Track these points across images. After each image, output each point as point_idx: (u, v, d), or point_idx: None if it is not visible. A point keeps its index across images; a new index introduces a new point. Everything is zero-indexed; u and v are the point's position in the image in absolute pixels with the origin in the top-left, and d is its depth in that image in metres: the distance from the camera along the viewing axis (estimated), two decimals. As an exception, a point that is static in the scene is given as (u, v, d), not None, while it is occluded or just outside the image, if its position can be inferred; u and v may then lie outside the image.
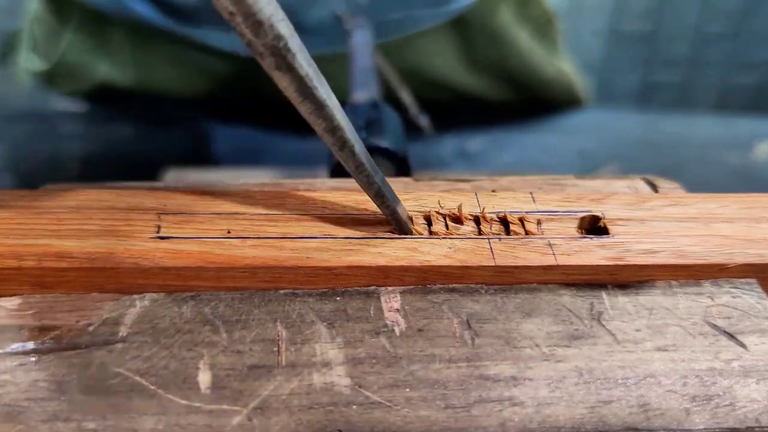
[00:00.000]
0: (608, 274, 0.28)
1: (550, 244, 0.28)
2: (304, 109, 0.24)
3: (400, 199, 0.29)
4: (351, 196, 0.31)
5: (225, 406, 0.23)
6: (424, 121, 0.75)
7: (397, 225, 0.29)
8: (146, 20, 0.76)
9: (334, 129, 0.25)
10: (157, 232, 0.28)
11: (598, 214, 0.30)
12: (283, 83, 0.23)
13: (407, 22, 0.78)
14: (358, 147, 0.26)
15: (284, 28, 0.22)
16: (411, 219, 0.29)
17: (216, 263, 0.26)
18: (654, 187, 0.35)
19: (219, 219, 0.29)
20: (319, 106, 0.24)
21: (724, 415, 0.23)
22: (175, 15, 0.75)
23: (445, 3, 0.78)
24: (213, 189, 0.33)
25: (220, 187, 0.33)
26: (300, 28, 0.79)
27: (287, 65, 0.23)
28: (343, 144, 0.26)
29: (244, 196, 0.30)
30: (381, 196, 0.28)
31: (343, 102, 0.26)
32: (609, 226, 0.30)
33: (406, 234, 0.29)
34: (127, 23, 0.77)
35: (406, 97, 0.74)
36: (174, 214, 0.29)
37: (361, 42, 0.64)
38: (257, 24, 0.21)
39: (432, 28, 0.80)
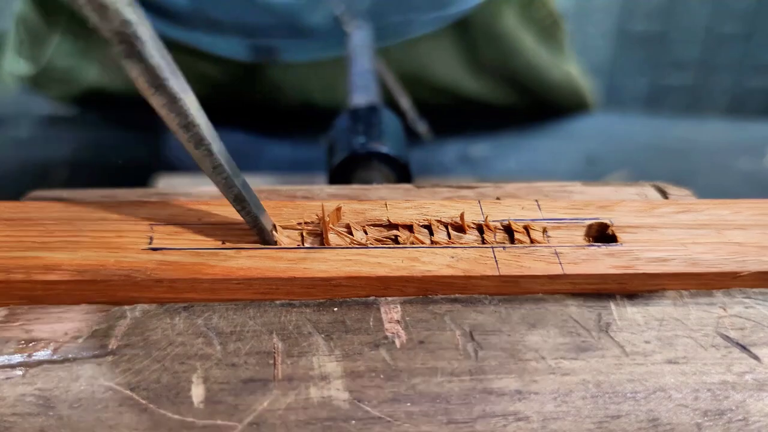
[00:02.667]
0: (617, 284, 0.28)
1: (556, 253, 0.28)
2: (155, 102, 0.24)
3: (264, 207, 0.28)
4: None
5: (219, 422, 0.23)
6: (422, 126, 0.76)
7: (259, 234, 0.28)
8: None
9: (188, 125, 0.25)
10: (150, 244, 0.28)
11: (606, 221, 0.30)
12: (134, 73, 0.23)
13: (408, 25, 0.79)
14: (216, 146, 0.26)
15: (131, 13, 0.22)
16: (275, 228, 0.29)
17: (210, 275, 0.27)
18: (664, 194, 0.35)
19: (213, 229, 0.29)
20: (172, 100, 0.24)
21: (736, 431, 0.23)
22: (166, 19, 0.76)
23: (446, 6, 0.78)
24: (206, 198, 0.33)
25: (215, 197, 0.33)
26: (300, 31, 0.80)
27: (137, 54, 0.22)
28: (199, 142, 0.25)
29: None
30: (241, 201, 0.27)
31: (342, 106, 0.26)
32: (617, 234, 0.30)
33: (269, 244, 0.28)
34: None
35: (405, 102, 0.75)
36: (167, 225, 0.29)
37: (361, 44, 0.64)
38: (101, 7, 0.21)
39: (434, 31, 0.80)
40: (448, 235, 0.29)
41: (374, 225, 0.30)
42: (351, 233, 0.29)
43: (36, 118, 0.86)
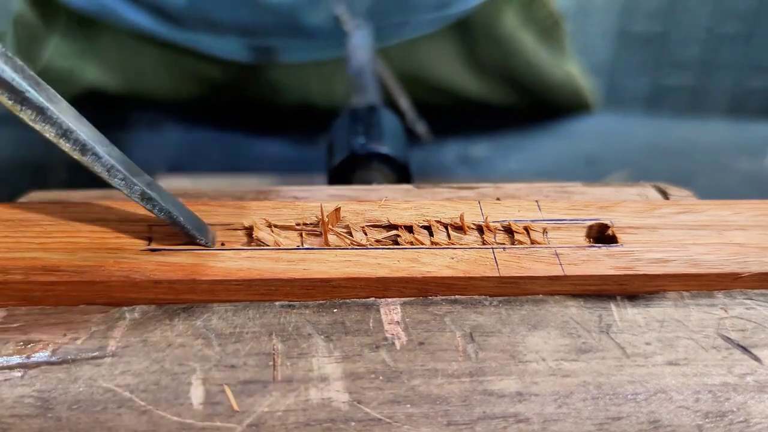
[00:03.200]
0: (617, 285, 0.28)
1: (556, 254, 0.28)
2: (25, 117, 0.24)
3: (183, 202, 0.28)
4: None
5: (218, 423, 0.23)
6: (421, 127, 0.76)
7: (182, 232, 0.28)
8: (135, 26, 0.77)
9: (65, 133, 0.24)
10: (148, 245, 0.28)
11: (607, 222, 0.30)
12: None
13: (408, 25, 0.79)
14: (103, 149, 0.25)
15: None
16: (206, 225, 0.28)
17: (209, 276, 0.27)
18: (665, 195, 0.35)
19: (212, 230, 0.29)
20: (40, 111, 0.24)
21: (738, 432, 0.23)
22: (165, 20, 0.76)
23: (446, 6, 0.78)
24: (205, 198, 0.33)
25: (214, 197, 0.33)
26: (299, 31, 0.80)
27: None
28: (83, 148, 0.25)
29: (239, 207, 0.30)
30: (149, 199, 0.27)
31: (342, 106, 0.26)
32: (618, 235, 0.30)
33: (198, 245, 0.28)
34: (116, 27, 0.78)
35: (404, 102, 0.75)
36: (165, 226, 0.29)
37: (360, 44, 0.64)
38: None
39: (434, 31, 0.80)
40: (448, 235, 0.29)
41: (374, 226, 0.30)
42: (350, 234, 0.29)
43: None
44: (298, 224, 0.29)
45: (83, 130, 0.25)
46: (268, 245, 0.28)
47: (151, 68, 0.82)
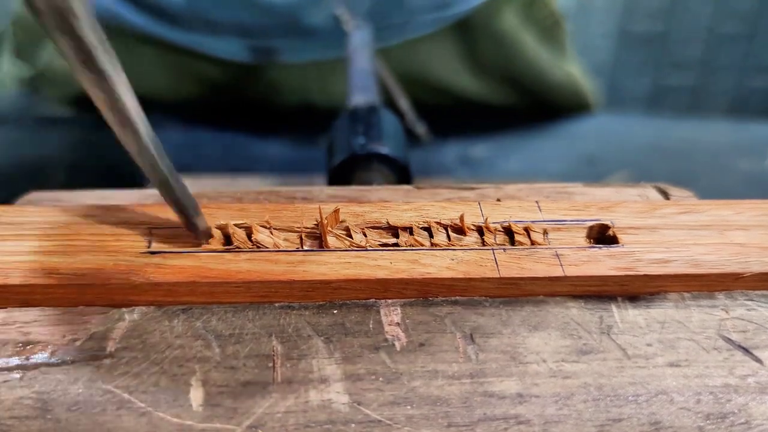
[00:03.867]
0: (618, 286, 0.28)
1: (557, 255, 0.28)
2: (84, 79, 0.24)
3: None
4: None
5: (218, 425, 0.23)
6: (421, 128, 0.76)
7: (187, 224, 0.28)
8: (134, 26, 0.77)
9: (115, 104, 0.24)
10: (148, 247, 0.28)
11: (607, 222, 0.30)
12: (64, 48, 0.23)
13: (408, 25, 0.79)
14: (145, 130, 0.25)
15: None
16: (210, 232, 0.28)
17: (209, 278, 0.27)
18: (666, 195, 0.35)
19: (212, 232, 0.29)
20: (102, 78, 0.24)
21: (739, 434, 0.23)
22: (164, 21, 0.76)
23: (447, 6, 0.78)
24: (204, 200, 0.33)
25: (213, 198, 0.33)
26: (299, 31, 0.80)
27: (69, 30, 0.22)
28: (125, 121, 0.25)
29: (238, 209, 0.30)
30: (167, 187, 0.27)
31: (342, 107, 0.26)
32: (619, 235, 0.30)
33: (198, 234, 0.28)
34: (115, 27, 0.78)
35: (404, 103, 0.75)
36: (165, 228, 0.29)
37: (360, 43, 0.64)
38: None
39: (434, 31, 0.80)
40: (448, 237, 0.29)
41: (373, 227, 0.30)
42: (350, 236, 0.29)
43: (33, 119, 0.86)
44: (297, 226, 0.29)
45: (132, 106, 0.25)
46: (267, 248, 0.28)
47: (151, 68, 0.82)
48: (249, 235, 0.29)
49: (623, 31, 1.27)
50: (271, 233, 0.29)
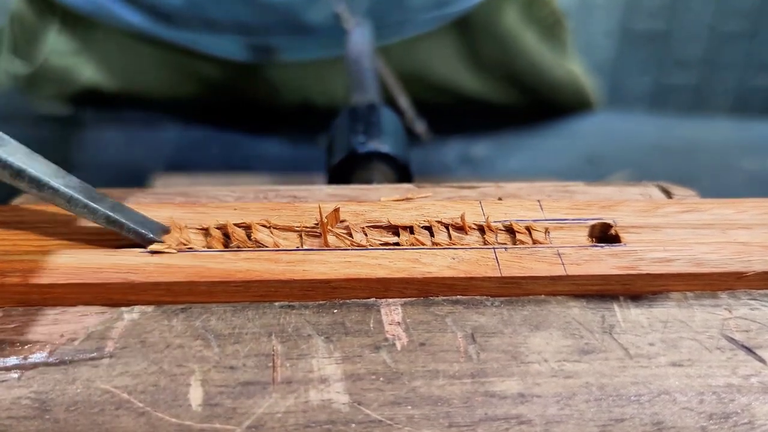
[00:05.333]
0: (620, 285, 0.28)
1: (558, 254, 0.28)
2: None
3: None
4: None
5: (217, 425, 0.23)
6: (421, 126, 0.76)
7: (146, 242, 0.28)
8: (131, 25, 0.77)
9: (19, 173, 0.26)
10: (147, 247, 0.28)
11: (609, 221, 0.30)
12: None
13: (408, 23, 0.79)
14: (58, 181, 0.27)
15: None
16: (166, 231, 0.28)
17: (208, 278, 0.27)
18: (668, 195, 0.35)
19: (212, 231, 0.29)
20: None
21: (742, 434, 0.23)
22: (162, 20, 0.76)
23: (447, 4, 0.78)
24: (204, 199, 0.33)
25: (212, 197, 0.33)
26: (299, 29, 0.80)
27: None
28: (39, 184, 0.26)
29: (238, 208, 0.30)
30: (114, 222, 0.27)
31: (342, 105, 0.26)
32: (621, 234, 0.30)
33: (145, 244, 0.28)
34: (112, 26, 0.78)
35: (404, 101, 0.75)
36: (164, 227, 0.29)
37: (360, 42, 0.64)
38: None
39: (434, 29, 0.80)
40: (449, 236, 0.29)
41: (374, 226, 0.30)
42: (350, 235, 0.29)
43: (31, 117, 0.86)
44: (297, 225, 0.29)
45: (35, 166, 0.26)
46: (267, 247, 0.28)
47: (149, 67, 0.82)
48: (248, 235, 0.29)
49: (625, 29, 1.27)
50: (271, 232, 0.29)
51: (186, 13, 0.75)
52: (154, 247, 0.28)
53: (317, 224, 0.29)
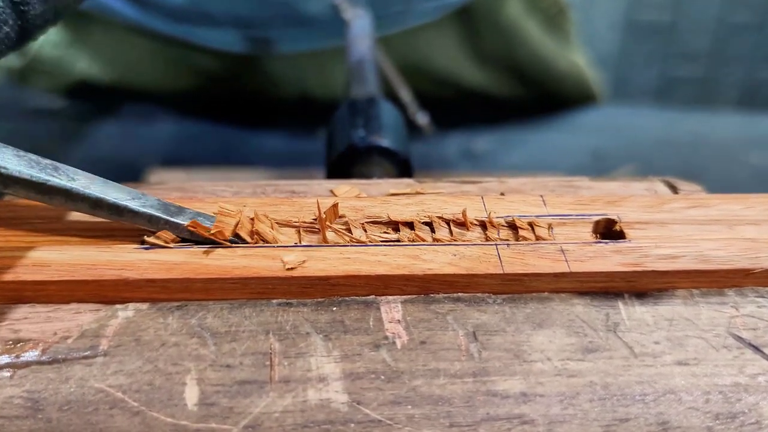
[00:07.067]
0: (625, 282, 0.28)
1: (562, 250, 0.28)
2: (56, 204, 0.26)
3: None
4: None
5: (214, 425, 0.23)
6: (423, 119, 0.76)
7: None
8: (126, 19, 0.76)
9: (97, 203, 0.26)
10: (142, 243, 0.28)
11: (614, 217, 0.30)
12: (21, 195, 0.26)
13: (409, 14, 0.78)
14: (136, 203, 0.27)
15: None
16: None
17: (204, 274, 0.26)
18: (674, 190, 0.35)
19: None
20: (66, 193, 0.26)
21: (749, 434, 0.23)
22: (159, 14, 0.76)
23: None
24: (201, 194, 0.33)
25: (209, 193, 0.33)
26: (297, 20, 0.80)
27: (7, 180, 0.25)
28: (118, 210, 0.27)
29: (235, 203, 0.30)
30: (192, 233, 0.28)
31: (341, 98, 0.26)
32: (625, 230, 0.30)
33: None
34: (108, 17, 0.78)
35: (405, 94, 0.74)
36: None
37: (360, 33, 0.64)
38: None
39: (436, 20, 0.80)
40: (450, 232, 0.29)
41: (374, 222, 0.30)
42: (350, 231, 0.29)
43: (24, 110, 0.86)
44: (295, 221, 0.29)
45: (112, 194, 0.27)
46: (267, 239, 0.28)
47: (144, 59, 0.82)
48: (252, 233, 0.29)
49: (630, 21, 1.26)
50: (272, 227, 0.29)
51: (183, 8, 0.75)
52: (150, 239, 0.28)
53: (316, 220, 0.29)
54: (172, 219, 0.28)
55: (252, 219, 0.29)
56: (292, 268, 0.27)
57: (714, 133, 0.89)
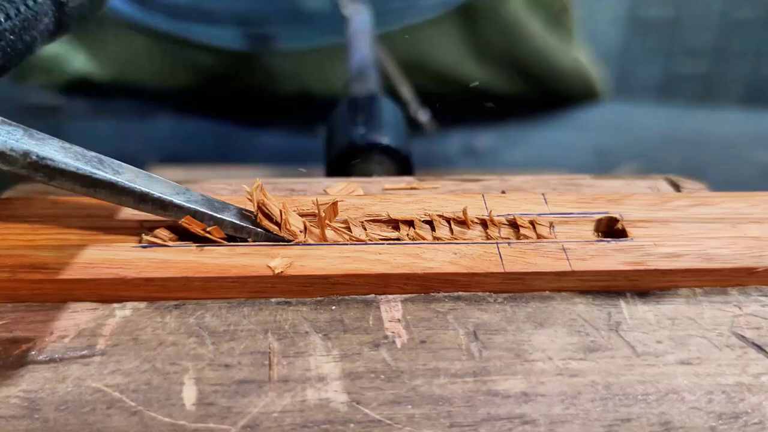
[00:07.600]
0: (627, 281, 0.28)
1: (563, 249, 0.28)
2: (101, 197, 0.26)
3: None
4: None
5: (212, 425, 0.23)
6: (424, 117, 0.76)
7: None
8: (124, 17, 0.76)
9: (142, 198, 0.27)
10: (140, 241, 0.28)
11: (616, 215, 0.30)
12: (67, 187, 0.26)
13: (410, 10, 0.78)
14: (181, 198, 0.27)
15: (26, 143, 0.24)
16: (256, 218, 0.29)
17: (203, 273, 0.26)
18: (677, 188, 0.35)
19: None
20: (112, 187, 0.26)
21: (752, 434, 0.23)
22: (159, 12, 0.76)
23: None
24: (199, 192, 0.33)
25: (208, 191, 0.33)
26: (297, 16, 0.80)
27: (54, 172, 0.25)
28: (163, 204, 0.27)
29: (235, 201, 0.30)
30: (240, 228, 0.28)
31: (341, 95, 0.26)
32: (628, 229, 0.30)
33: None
34: (105, 14, 0.78)
35: (406, 91, 0.74)
36: (157, 221, 0.29)
37: (361, 29, 0.64)
38: None
39: (437, 16, 0.80)
40: (451, 230, 0.29)
41: (374, 220, 0.30)
42: (349, 229, 0.29)
43: (21, 107, 0.86)
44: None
45: (157, 189, 0.27)
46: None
47: (142, 55, 0.82)
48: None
49: (633, 17, 1.26)
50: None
51: (182, 4, 0.75)
52: (148, 238, 0.28)
53: (315, 218, 0.29)
54: (217, 215, 0.28)
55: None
56: (281, 273, 0.27)
57: (718, 130, 0.89)
